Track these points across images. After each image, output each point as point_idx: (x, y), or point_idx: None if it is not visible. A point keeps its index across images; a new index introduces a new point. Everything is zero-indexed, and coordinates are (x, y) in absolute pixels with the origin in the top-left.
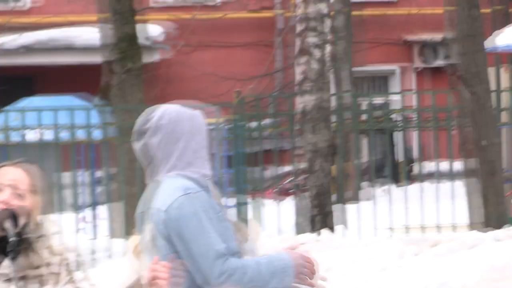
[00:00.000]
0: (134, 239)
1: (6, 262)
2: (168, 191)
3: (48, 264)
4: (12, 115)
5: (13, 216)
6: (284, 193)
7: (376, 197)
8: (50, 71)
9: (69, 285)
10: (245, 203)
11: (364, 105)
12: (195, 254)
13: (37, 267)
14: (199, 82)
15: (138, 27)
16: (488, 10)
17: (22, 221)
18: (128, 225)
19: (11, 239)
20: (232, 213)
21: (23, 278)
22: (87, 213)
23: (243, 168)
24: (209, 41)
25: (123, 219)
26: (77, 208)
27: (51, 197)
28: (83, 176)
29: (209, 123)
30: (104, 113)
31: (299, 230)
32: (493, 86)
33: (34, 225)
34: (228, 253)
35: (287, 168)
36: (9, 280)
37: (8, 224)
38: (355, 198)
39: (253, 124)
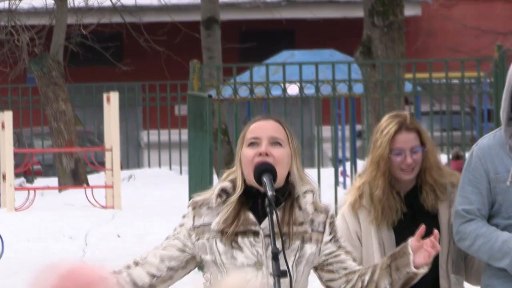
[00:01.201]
0: (352, 192)
1: (266, 217)
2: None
3: (311, 221)
4: (273, 68)
5: (271, 170)
6: None
7: None
8: (311, 24)
9: (330, 244)
10: None
11: None
12: None
13: (300, 223)
14: (460, 36)
15: None
16: None
17: (280, 175)
18: None
19: (269, 194)
20: None
21: (285, 234)
22: (347, 167)
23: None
24: None
25: None
26: (336, 162)
27: (310, 151)
28: (343, 130)
29: (469, 77)
30: (365, 67)
31: None
32: None
33: (293, 180)
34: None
35: None
36: (268, 235)
37: (266, 178)
38: None
39: None
